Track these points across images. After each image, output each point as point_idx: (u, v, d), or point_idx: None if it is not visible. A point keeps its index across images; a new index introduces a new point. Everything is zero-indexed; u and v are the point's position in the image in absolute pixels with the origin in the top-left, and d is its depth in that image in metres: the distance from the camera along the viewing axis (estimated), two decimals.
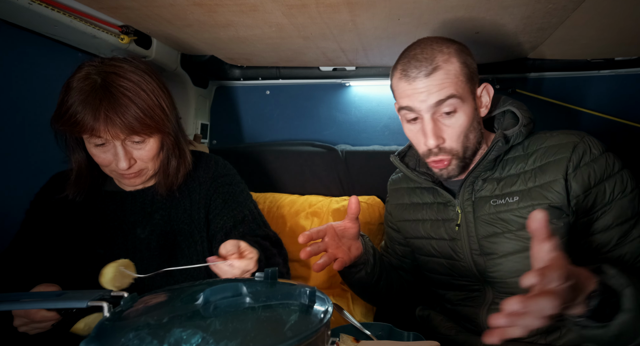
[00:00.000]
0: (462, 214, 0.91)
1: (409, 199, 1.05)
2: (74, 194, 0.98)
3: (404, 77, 0.84)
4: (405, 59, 0.85)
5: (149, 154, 0.93)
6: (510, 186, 0.87)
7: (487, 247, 0.87)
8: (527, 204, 0.83)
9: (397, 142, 1.68)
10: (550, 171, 0.83)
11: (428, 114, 0.83)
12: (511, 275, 0.85)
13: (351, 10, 1.00)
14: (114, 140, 0.88)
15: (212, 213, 1.05)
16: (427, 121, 0.83)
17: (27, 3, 0.92)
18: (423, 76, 0.81)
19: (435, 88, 0.81)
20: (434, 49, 0.82)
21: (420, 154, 0.89)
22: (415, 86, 0.82)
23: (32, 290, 0.79)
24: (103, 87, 0.85)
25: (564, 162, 0.82)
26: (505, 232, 0.85)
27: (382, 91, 1.70)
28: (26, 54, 1.14)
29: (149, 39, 1.28)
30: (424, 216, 0.99)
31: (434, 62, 0.81)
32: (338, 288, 1.40)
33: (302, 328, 0.43)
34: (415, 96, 0.82)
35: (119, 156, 0.89)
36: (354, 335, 0.71)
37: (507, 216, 0.85)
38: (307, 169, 1.65)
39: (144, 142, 0.92)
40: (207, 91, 1.80)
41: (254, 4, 0.97)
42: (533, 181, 0.84)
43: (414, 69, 0.82)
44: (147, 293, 0.57)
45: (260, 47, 1.34)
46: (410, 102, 0.83)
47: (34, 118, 1.17)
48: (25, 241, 0.98)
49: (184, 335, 0.42)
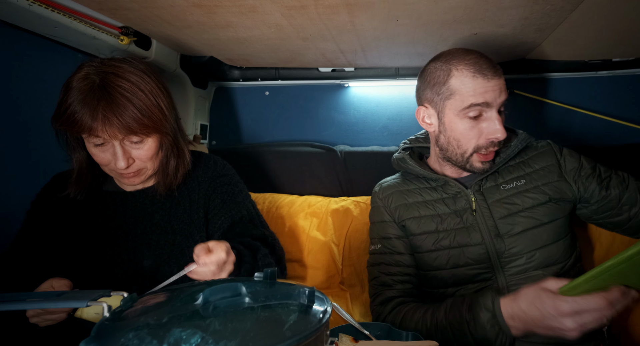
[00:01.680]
0: (475, 201, 1.00)
1: (411, 199, 1.08)
2: (75, 192, 0.99)
3: (479, 76, 0.92)
4: (472, 61, 0.94)
5: (148, 153, 0.93)
6: (511, 173, 1.02)
7: (503, 227, 0.97)
8: (535, 185, 0.99)
9: (396, 143, 1.68)
10: (543, 159, 1.03)
11: (494, 110, 0.94)
12: (528, 249, 0.94)
13: (350, 11, 1.00)
14: (112, 140, 0.88)
15: (211, 212, 1.06)
16: (495, 115, 0.94)
17: (27, 4, 0.92)
18: (498, 76, 0.93)
19: (504, 87, 0.95)
20: (488, 55, 0.97)
21: (470, 148, 0.97)
22: (493, 83, 0.93)
23: (43, 283, 0.81)
24: (101, 87, 0.86)
25: (551, 153, 1.04)
26: (520, 211, 0.97)
27: (381, 91, 1.70)
28: (26, 55, 1.14)
29: (149, 40, 1.28)
30: (435, 212, 1.03)
31: (498, 66, 0.95)
32: (337, 288, 1.40)
33: (301, 328, 0.43)
34: (490, 93, 0.92)
35: (117, 155, 0.90)
36: (353, 335, 0.71)
37: (518, 197, 0.98)
38: (306, 170, 1.65)
39: (143, 142, 0.92)
40: (207, 92, 1.80)
41: (253, 5, 0.97)
42: (532, 166, 1.02)
43: (491, 69, 0.93)
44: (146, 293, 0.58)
45: (259, 48, 1.35)
46: (488, 97, 0.93)
47: (34, 119, 1.17)
48: (26, 241, 0.98)
49: (184, 334, 0.42)
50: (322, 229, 1.45)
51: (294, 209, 1.52)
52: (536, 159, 1.03)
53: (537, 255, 0.94)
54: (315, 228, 1.46)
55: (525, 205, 0.97)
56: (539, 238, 0.95)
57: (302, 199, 1.57)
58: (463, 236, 0.99)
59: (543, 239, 0.95)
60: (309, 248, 1.44)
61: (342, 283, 1.42)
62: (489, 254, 0.96)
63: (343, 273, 1.41)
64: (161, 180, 1.00)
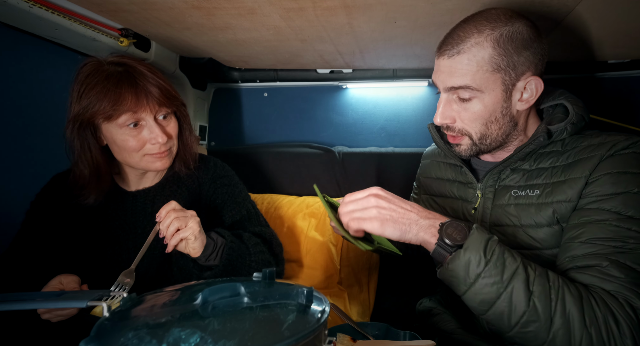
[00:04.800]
0: (481, 199, 0.90)
1: (435, 173, 1.06)
2: (97, 196, 0.98)
3: (437, 51, 0.82)
4: (450, 30, 0.82)
5: (175, 129, 1.00)
6: (534, 178, 0.84)
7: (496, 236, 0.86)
8: (547, 201, 0.81)
9: (393, 144, 1.69)
10: (580, 168, 0.79)
11: (445, 94, 0.83)
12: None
13: (348, 13, 1.00)
14: (147, 116, 0.93)
15: (212, 213, 1.07)
16: (442, 100, 0.84)
17: (27, 6, 0.92)
18: (447, 56, 0.79)
19: (456, 72, 0.78)
20: (476, 26, 0.78)
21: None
22: (439, 63, 0.82)
23: (52, 280, 0.85)
24: (128, 72, 0.92)
25: (596, 159, 0.77)
26: (516, 226, 0.84)
27: (379, 93, 1.71)
28: (26, 57, 1.15)
29: (148, 42, 1.29)
30: (445, 193, 1.00)
31: (462, 44, 0.77)
32: (335, 288, 1.41)
33: (300, 328, 0.44)
34: (438, 74, 0.83)
35: (156, 130, 0.93)
36: (351, 335, 0.72)
37: (522, 210, 0.83)
38: (304, 171, 1.65)
39: (169, 118, 0.99)
40: (206, 93, 1.80)
41: (252, 7, 0.97)
42: (558, 176, 0.81)
43: (444, 45, 0.80)
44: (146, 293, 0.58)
45: (258, 49, 1.35)
46: (434, 78, 0.85)
47: (35, 120, 1.17)
48: (26, 241, 0.99)
49: (183, 334, 0.43)
50: (320, 230, 1.46)
51: (293, 210, 1.52)
52: (575, 167, 0.80)
53: None
54: (313, 228, 1.46)
55: (523, 222, 0.83)
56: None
57: (300, 199, 1.58)
58: None
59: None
60: (308, 248, 1.44)
61: (340, 283, 1.42)
62: None
63: (341, 273, 1.42)
64: (183, 158, 1.05)
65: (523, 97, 0.81)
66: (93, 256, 0.98)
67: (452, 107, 0.83)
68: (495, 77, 0.78)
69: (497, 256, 0.67)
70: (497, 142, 0.86)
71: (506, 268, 0.66)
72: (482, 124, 0.82)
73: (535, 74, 0.80)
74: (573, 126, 0.82)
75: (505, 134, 0.85)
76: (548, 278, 0.67)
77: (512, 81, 0.79)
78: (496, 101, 0.80)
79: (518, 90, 0.80)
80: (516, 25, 0.77)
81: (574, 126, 0.82)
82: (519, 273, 0.66)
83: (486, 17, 0.78)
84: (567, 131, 0.82)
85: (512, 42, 0.76)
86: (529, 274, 0.67)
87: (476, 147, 0.86)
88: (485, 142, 0.85)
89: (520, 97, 0.81)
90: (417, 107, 1.68)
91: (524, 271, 0.67)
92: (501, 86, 0.79)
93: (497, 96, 0.79)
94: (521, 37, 0.77)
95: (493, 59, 0.76)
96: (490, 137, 0.84)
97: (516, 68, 0.78)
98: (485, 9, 0.82)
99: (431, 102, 1.67)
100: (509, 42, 0.76)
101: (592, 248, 0.71)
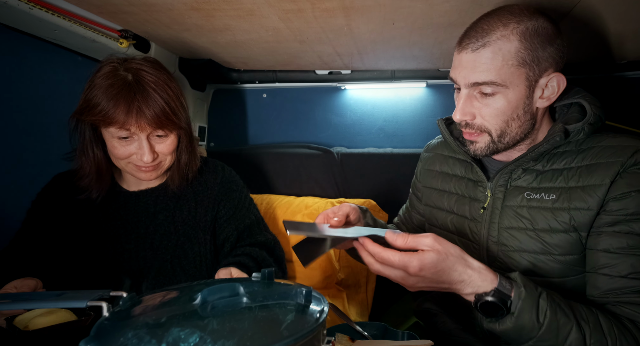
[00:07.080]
0: (491, 198, 0.87)
1: (440, 167, 1.02)
2: (97, 192, 0.99)
3: (457, 45, 0.79)
4: (472, 24, 0.79)
5: (170, 148, 0.97)
6: (549, 181, 0.80)
7: (505, 238, 0.83)
8: (564, 206, 0.77)
9: (392, 145, 1.70)
10: (599, 173, 0.75)
11: (466, 90, 0.80)
12: (525, 273, 0.77)
13: (346, 15, 1.01)
14: (140, 133, 0.91)
15: (221, 218, 1.08)
16: (462, 96, 0.80)
17: (27, 8, 0.93)
18: (470, 50, 0.76)
19: (480, 67, 0.75)
20: (501, 20, 0.75)
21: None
22: (460, 57, 0.78)
23: (7, 284, 0.82)
24: (136, 82, 0.89)
25: (617, 166, 0.73)
26: (529, 229, 0.81)
27: (377, 94, 1.71)
28: (26, 58, 1.15)
29: (148, 43, 1.29)
30: (451, 189, 0.97)
31: (488, 37, 0.75)
32: (334, 288, 1.41)
33: (298, 328, 0.44)
34: (459, 69, 0.79)
35: (144, 149, 0.92)
36: (350, 335, 0.72)
37: (537, 213, 0.80)
38: (303, 171, 1.66)
39: (166, 136, 0.96)
40: (205, 94, 1.81)
41: (251, 8, 0.98)
42: (576, 180, 0.77)
43: (466, 39, 0.77)
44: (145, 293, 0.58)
45: (257, 51, 1.35)
46: (454, 74, 0.81)
47: (35, 120, 1.18)
48: (27, 240, 0.99)
49: (182, 334, 0.43)
50: None
51: (291, 210, 1.53)
52: (594, 171, 0.76)
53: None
54: None
55: (537, 226, 0.80)
56: (537, 264, 0.80)
57: (299, 200, 1.58)
58: (466, 228, 0.91)
59: (546, 271, 0.79)
60: None
61: (339, 283, 1.42)
62: (483, 256, 0.88)
63: (340, 273, 1.42)
64: (176, 175, 1.02)
65: (544, 95, 0.79)
66: (94, 255, 0.98)
67: (472, 104, 0.80)
68: (520, 72, 0.75)
69: (549, 319, 0.66)
70: (515, 141, 0.82)
71: (560, 330, 0.66)
72: (503, 120, 0.79)
73: (557, 72, 0.78)
74: (590, 126, 0.79)
75: (524, 133, 0.82)
76: (603, 330, 0.67)
77: (535, 77, 0.77)
78: (520, 97, 0.77)
79: (540, 87, 0.78)
80: (540, 20, 0.75)
81: (591, 126, 0.79)
82: (574, 331, 0.66)
83: (510, 11, 0.76)
84: (585, 131, 0.79)
85: (538, 36, 0.74)
86: (584, 333, 0.66)
87: (494, 146, 0.83)
88: (503, 141, 0.82)
89: (541, 94, 0.79)
90: (415, 108, 1.69)
91: (579, 330, 0.66)
92: (525, 81, 0.76)
93: (520, 91, 0.77)
94: (546, 32, 0.75)
95: (519, 52, 0.74)
96: (509, 135, 0.81)
97: (540, 64, 0.76)
98: (505, 4, 0.81)
99: (429, 103, 1.68)
100: (535, 36, 0.74)
101: (634, 283, 0.70)
